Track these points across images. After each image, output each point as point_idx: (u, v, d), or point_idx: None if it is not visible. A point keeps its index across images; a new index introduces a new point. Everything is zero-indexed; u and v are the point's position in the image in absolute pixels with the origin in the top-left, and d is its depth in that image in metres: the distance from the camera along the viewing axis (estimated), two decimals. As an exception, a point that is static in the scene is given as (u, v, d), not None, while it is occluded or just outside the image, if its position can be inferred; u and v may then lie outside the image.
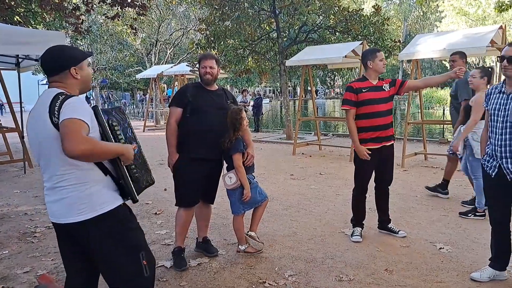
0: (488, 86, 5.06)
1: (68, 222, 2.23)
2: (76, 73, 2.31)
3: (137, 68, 27.27)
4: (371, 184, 4.69)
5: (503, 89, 3.34)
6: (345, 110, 4.54)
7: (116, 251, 2.31)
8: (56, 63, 2.30)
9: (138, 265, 2.36)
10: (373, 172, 4.67)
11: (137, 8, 9.95)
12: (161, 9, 21.45)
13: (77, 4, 11.43)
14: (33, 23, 11.48)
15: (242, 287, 3.60)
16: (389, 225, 4.78)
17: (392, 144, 4.59)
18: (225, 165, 4.18)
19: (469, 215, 5.31)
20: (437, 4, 38.38)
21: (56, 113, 2.11)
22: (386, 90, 4.51)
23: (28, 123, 2.30)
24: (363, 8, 14.02)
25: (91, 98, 29.41)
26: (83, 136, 2.02)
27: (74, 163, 2.18)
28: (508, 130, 3.23)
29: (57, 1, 9.64)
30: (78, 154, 1.99)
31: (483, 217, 5.13)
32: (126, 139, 2.41)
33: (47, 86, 2.33)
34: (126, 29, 22.36)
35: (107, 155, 2.19)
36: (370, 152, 4.42)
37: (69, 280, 2.48)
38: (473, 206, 5.44)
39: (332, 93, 59.10)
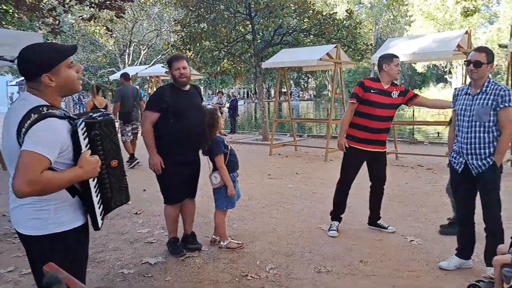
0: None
1: (20, 233, 2.08)
2: (51, 80, 1.95)
3: (110, 69, 27.04)
4: (359, 183, 4.90)
5: (469, 91, 3.61)
6: (350, 103, 4.64)
7: None
8: (28, 68, 1.96)
9: None
10: (366, 171, 4.84)
11: (114, 10, 9.93)
12: (134, 9, 21.37)
13: (53, 5, 11.31)
14: (4, 23, 11.30)
15: (225, 280, 3.75)
16: (379, 222, 4.99)
17: (384, 149, 4.75)
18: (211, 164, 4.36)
19: None
20: (406, 9, 39.38)
21: (22, 135, 1.86)
22: (394, 97, 4.57)
23: (4, 125, 2.01)
24: (336, 12, 14.32)
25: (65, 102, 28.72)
26: (34, 176, 1.80)
27: None
28: (473, 129, 3.51)
29: (33, 1, 9.54)
30: (23, 195, 1.81)
31: None
32: (105, 155, 2.13)
33: (17, 87, 2.00)
34: (99, 30, 22.16)
35: (62, 187, 1.96)
36: (347, 146, 4.64)
37: None
38: None
39: (306, 95, 59.69)
